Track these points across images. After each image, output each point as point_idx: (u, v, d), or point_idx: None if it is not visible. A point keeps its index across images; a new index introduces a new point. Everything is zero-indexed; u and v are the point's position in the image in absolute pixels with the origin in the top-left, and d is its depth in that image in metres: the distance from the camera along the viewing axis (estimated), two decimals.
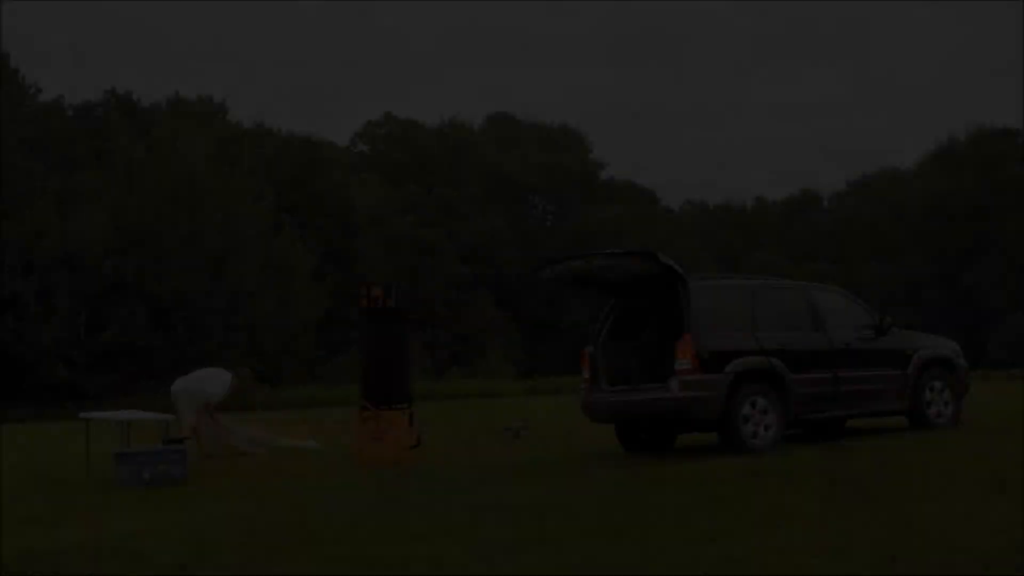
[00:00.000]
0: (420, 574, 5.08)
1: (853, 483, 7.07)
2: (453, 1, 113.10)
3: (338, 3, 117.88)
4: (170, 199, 34.63)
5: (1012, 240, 58.87)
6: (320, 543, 5.99)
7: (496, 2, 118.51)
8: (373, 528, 6.42)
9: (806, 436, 11.13)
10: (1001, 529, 5.35)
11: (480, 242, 62.52)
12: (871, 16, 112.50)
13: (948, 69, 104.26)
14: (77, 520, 7.52)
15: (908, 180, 72.38)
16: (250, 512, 7.49)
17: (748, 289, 10.30)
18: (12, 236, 32.50)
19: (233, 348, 35.42)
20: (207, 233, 34.82)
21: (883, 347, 10.83)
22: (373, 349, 11.05)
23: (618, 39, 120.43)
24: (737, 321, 9.94)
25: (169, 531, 6.70)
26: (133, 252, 33.90)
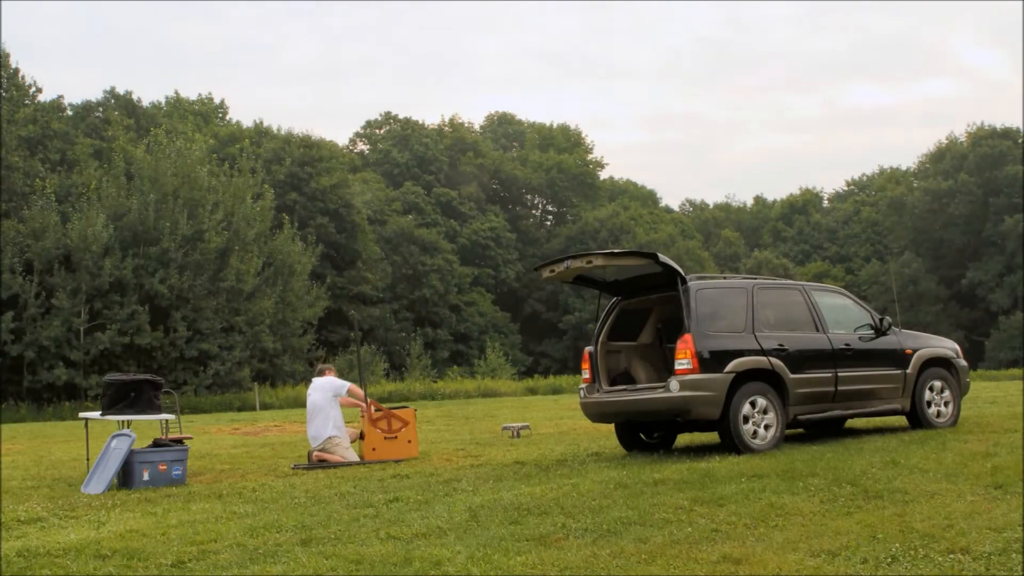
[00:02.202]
0: (420, 574, 5.09)
1: (853, 483, 7.07)
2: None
3: (338, 3, 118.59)
4: (170, 199, 34.59)
5: (1012, 240, 58.85)
6: (320, 543, 5.99)
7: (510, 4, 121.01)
8: (373, 528, 6.42)
9: (806, 436, 11.14)
10: (1001, 529, 5.35)
11: (480, 242, 62.55)
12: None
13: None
14: (77, 520, 7.52)
15: (908, 180, 72.39)
16: (250, 512, 7.50)
17: (748, 289, 10.29)
18: (12, 236, 32.48)
19: (233, 348, 35.44)
20: (207, 233, 34.78)
21: (883, 347, 10.83)
22: None
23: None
24: (737, 321, 9.93)
25: (169, 531, 6.70)
26: (133, 252, 33.89)
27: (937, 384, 11.08)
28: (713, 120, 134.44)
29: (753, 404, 9.63)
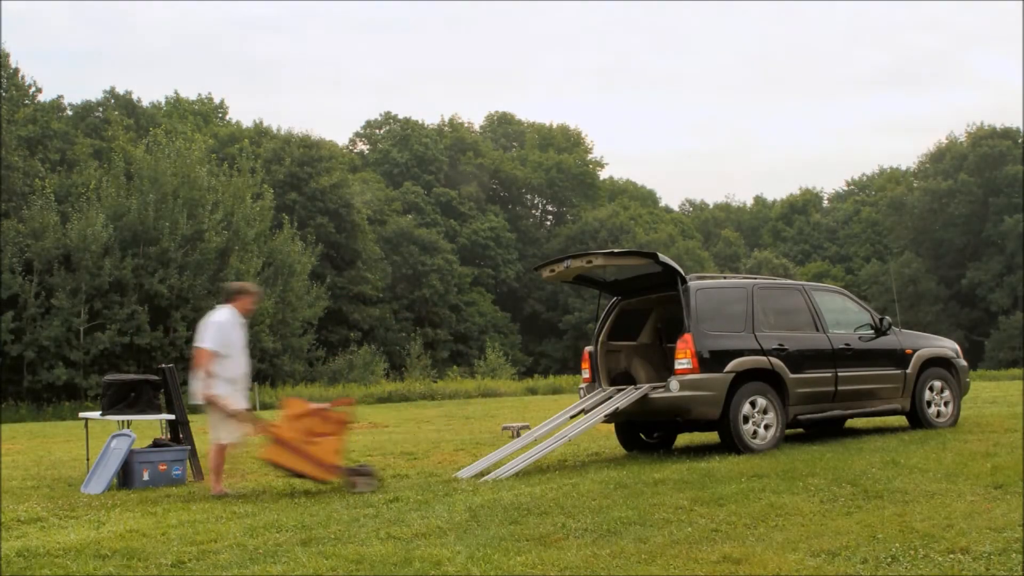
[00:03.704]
0: (420, 574, 5.08)
1: (853, 483, 7.07)
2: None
3: (338, 3, 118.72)
4: (170, 199, 34.58)
5: (1012, 240, 58.84)
6: (320, 543, 5.99)
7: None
8: (373, 528, 6.42)
9: (806, 436, 11.14)
10: (1001, 529, 5.35)
11: (480, 242, 62.54)
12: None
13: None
14: (77, 520, 7.51)
15: (908, 180, 72.38)
16: (250, 512, 7.49)
17: (748, 289, 10.30)
18: (12, 236, 32.48)
19: None
20: (207, 233, 34.77)
21: (883, 347, 10.84)
22: None
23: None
24: (737, 321, 9.94)
25: (169, 531, 6.69)
26: (133, 252, 33.88)
27: (937, 384, 11.09)
28: (735, 127, 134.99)
29: (753, 404, 9.64)
